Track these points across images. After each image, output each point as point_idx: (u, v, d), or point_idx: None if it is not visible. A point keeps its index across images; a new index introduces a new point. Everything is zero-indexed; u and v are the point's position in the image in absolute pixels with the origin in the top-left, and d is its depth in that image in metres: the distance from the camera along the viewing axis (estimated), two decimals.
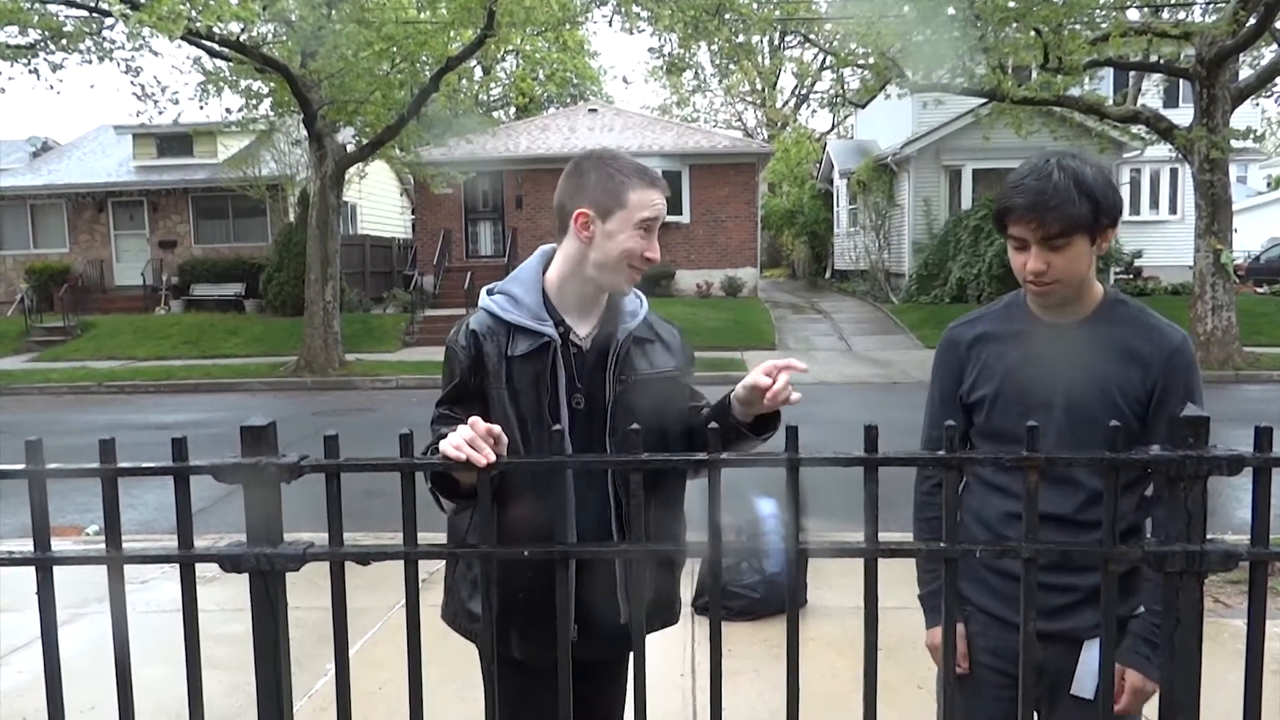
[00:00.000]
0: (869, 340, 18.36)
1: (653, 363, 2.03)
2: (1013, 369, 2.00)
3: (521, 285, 2.01)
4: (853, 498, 1.45)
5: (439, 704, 3.59)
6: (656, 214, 1.97)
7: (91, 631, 4.61)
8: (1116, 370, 1.92)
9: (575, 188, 1.98)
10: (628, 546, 1.52)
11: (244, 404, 13.77)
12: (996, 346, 2.04)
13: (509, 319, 1.95)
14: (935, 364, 2.17)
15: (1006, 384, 2.00)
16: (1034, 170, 1.88)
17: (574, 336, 1.98)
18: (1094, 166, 1.89)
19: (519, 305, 1.97)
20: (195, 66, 15.37)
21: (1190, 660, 1.39)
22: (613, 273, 1.96)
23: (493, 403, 1.92)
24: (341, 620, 1.52)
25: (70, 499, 7.29)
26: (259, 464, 1.46)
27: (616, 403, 1.95)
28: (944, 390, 2.13)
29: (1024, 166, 1.92)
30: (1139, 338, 1.94)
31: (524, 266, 2.06)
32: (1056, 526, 1.90)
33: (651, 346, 2.05)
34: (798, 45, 32.46)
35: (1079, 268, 1.90)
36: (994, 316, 2.10)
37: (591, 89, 37.97)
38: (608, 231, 1.94)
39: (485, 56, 20.57)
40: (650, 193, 1.97)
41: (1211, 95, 12.31)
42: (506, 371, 1.92)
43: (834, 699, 3.67)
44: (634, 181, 1.95)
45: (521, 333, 1.94)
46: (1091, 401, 1.91)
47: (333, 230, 16.40)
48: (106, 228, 24.96)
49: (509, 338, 1.94)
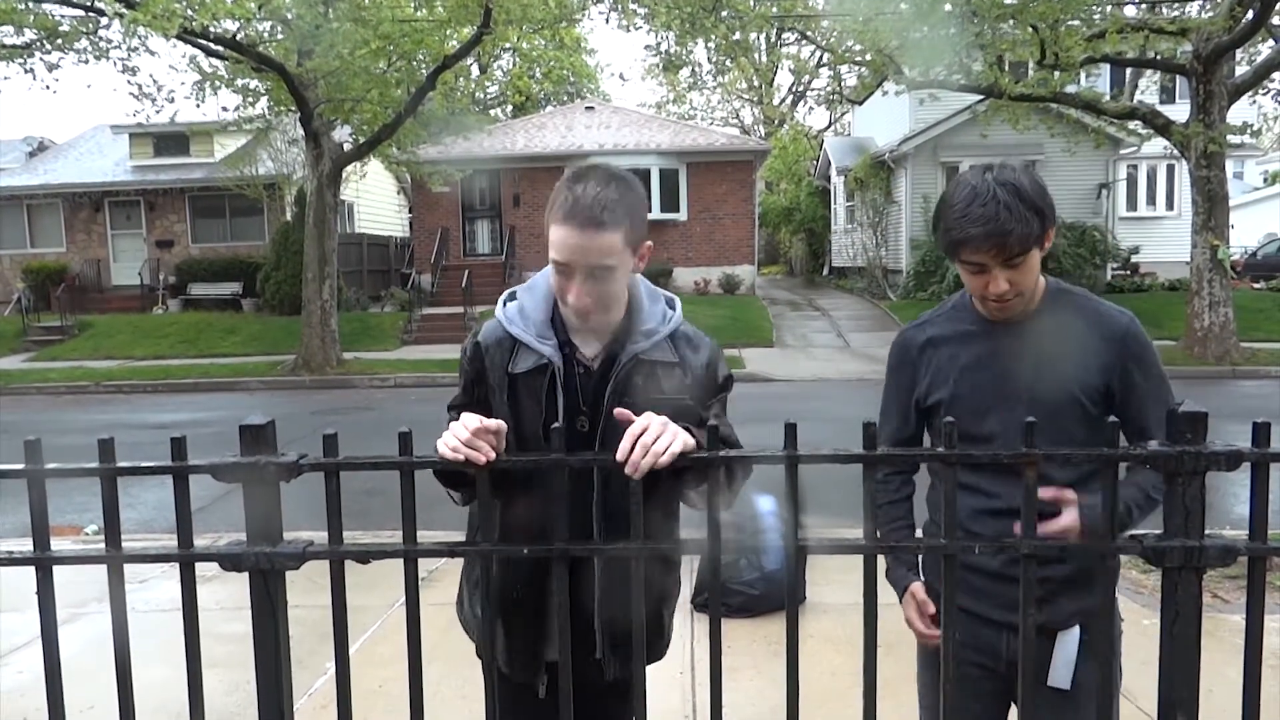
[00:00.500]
0: (867, 337, 18.37)
1: (661, 388, 1.83)
2: (966, 369, 2.00)
3: (532, 297, 1.90)
4: (851, 495, 1.45)
5: (439, 702, 3.60)
6: (563, 258, 1.73)
7: (91, 631, 4.61)
8: (1070, 361, 1.93)
9: (640, 215, 1.83)
10: (626, 545, 1.52)
11: (242, 403, 13.76)
12: (948, 349, 2.04)
13: (514, 333, 1.86)
14: (889, 368, 2.17)
15: (962, 385, 2.00)
16: (975, 195, 1.85)
17: (580, 355, 1.86)
18: (1025, 173, 1.89)
19: (526, 319, 1.87)
20: (191, 65, 15.35)
21: (1189, 655, 1.39)
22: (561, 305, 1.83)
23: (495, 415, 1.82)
24: (341, 618, 1.52)
25: (70, 499, 7.29)
26: (258, 463, 1.46)
27: (606, 429, 1.80)
28: (898, 396, 2.13)
29: (961, 191, 1.88)
30: (1088, 326, 1.95)
31: (540, 275, 1.94)
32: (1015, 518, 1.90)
33: (666, 370, 1.85)
34: (795, 42, 32.46)
35: (1035, 275, 1.93)
36: (942, 319, 2.10)
37: (588, 87, 37.95)
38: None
39: (482, 54, 20.59)
40: (560, 230, 1.73)
41: (1208, 91, 12.32)
42: (510, 386, 1.84)
43: (833, 695, 3.67)
44: (554, 215, 1.75)
45: (525, 349, 1.84)
46: (1049, 395, 1.91)
47: (330, 229, 16.39)
48: (103, 227, 24.94)
49: (514, 352, 1.85)
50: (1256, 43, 13.86)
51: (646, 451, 1.51)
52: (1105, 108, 14.08)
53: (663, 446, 1.52)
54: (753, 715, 3.65)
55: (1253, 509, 1.43)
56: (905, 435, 2.12)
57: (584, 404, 1.83)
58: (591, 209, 1.72)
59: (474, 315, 19.48)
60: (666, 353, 1.86)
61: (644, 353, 1.83)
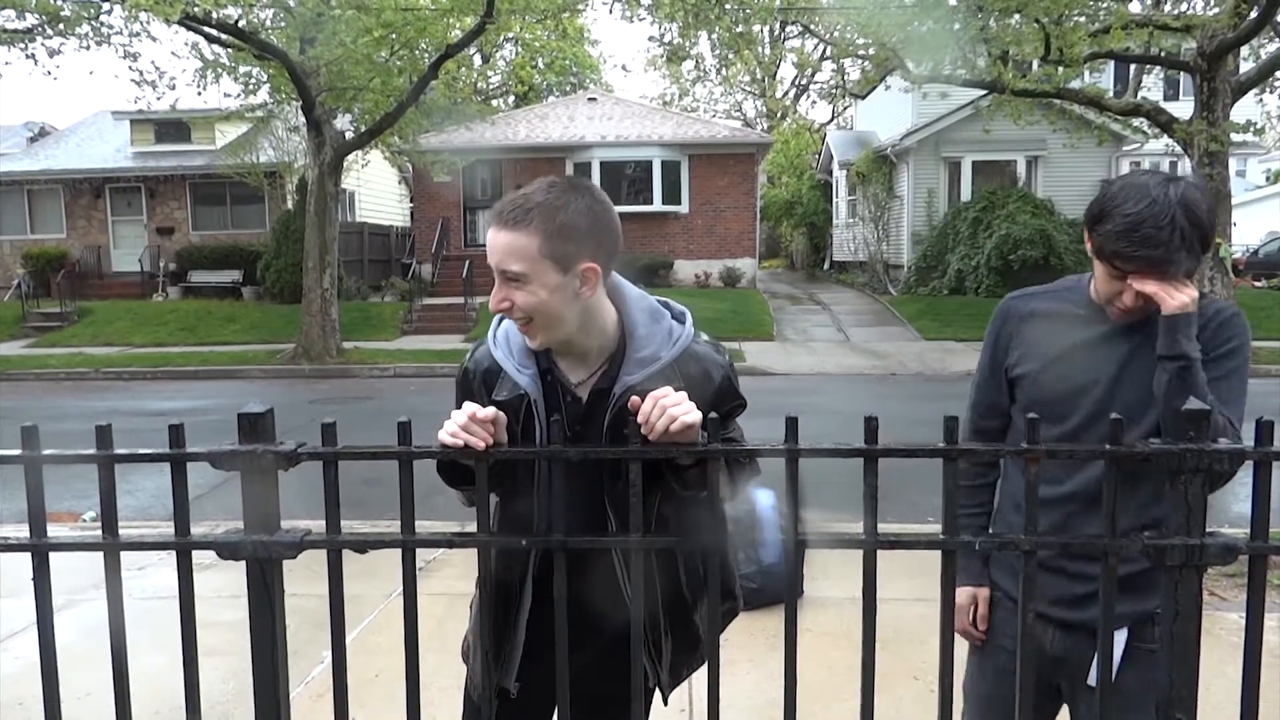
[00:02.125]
0: (867, 331, 18.36)
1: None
2: (1059, 351, 1.97)
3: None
4: (852, 489, 1.44)
5: (436, 692, 3.59)
6: (492, 261, 1.69)
7: (88, 618, 4.61)
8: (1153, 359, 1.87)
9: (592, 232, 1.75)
10: (638, 539, 1.52)
11: (241, 391, 13.76)
12: (1048, 326, 2.01)
13: (497, 358, 1.79)
14: (987, 334, 2.14)
15: (1050, 365, 1.97)
16: (1153, 210, 1.75)
17: (564, 381, 1.79)
18: (1204, 194, 1.82)
19: (510, 344, 1.80)
20: (194, 52, 15.31)
21: (1189, 653, 1.39)
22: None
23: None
24: (339, 608, 1.51)
25: (68, 485, 7.29)
26: (256, 451, 1.45)
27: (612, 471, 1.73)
28: (992, 361, 2.11)
29: (1138, 200, 1.77)
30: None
31: None
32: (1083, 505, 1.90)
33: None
34: (798, 36, 32.40)
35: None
36: (1051, 296, 2.06)
37: (591, 78, 37.88)
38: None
39: (484, 44, 20.51)
40: (490, 232, 1.70)
41: (1212, 89, 12.28)
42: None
43: (830, 689, 3.67)
44: (491, 220, 1.71)
45: (504, 376, 1.78)
46: (1130, 397, 1.87)
47: (331, 218, 16.37)
48: (104, 213, 24.90)
49: (500, 377, 1.79)
50: (1261, 40, 13.83)
51: (664, 412, 1.52)
52: (1109, 104, 14.04)
53: (680, 412, 1.52)
54: (750, 709, 3.65)
55: (1254, 507, 1.43)
56: (992, 401, 2.10)
57: (570, 431, 1.65)
58: (504, 207, 1.68)
59: (474, 306, 19.48)
60: (671, 376, 1.72)
61: (639, 385, 1.69)
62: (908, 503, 6.10)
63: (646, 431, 1.52)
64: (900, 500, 6.16)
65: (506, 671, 1.84)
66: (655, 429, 1.52)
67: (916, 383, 13.67)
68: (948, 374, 14.35)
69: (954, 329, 17.45)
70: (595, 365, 1.78)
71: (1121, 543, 1.42)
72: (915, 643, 4.18)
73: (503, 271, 1.67)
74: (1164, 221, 1.74)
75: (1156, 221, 1.74)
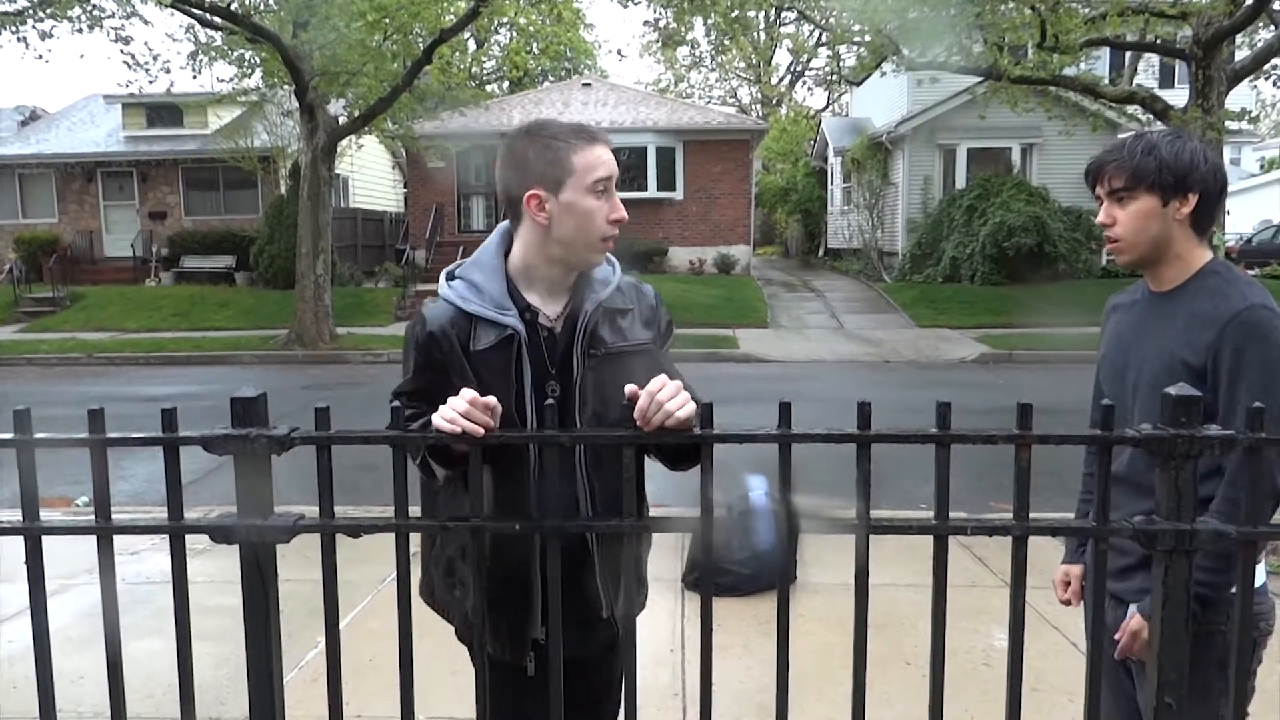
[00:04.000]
0: (861, 319, 18.37)
1: (625, 335, 1.89)
2: (1117, 334, 2.12)
3: (482, 270, 1.87)
4: (846, 476, 1.45)
5: (430, 677, 3.60)
6: (609, 172, 1.82)
7: (82, 602, 4.61)
8: (1183, 340, 1.93)
9: (517, 170, 1.84)
10: (620, 522, 1.52)
11: (235, 376, 13.73)
12: (1118, 314, 2.17)
13: (470, 310, 1.82)
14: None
15: (1109, 348, 2.14)
16: (1142, 139, 1.99)
17: (543, 319, 1.86)
18: (1184, 139, 1.96)
19: (481, 294, 1.84)
20: (188, 35, 15.21)
21: (1178, 637, 1.40)
22: (584, 249, 1.83)
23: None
24: (332, 592, 1.52)
25: (61, 470, 7.26)
26: (249, 436, 1.45)
27: (584, 380, 1.83)
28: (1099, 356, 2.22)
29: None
30: (1210, 305, 1.93)
31: (483, 249, 1.93)
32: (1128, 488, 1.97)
33: (624, 317, 1.90)
34: (794, 21, 32.26)
35: (1143, 227, 1.97)
36: (1133, 288, 2.18)
37: (586, 63, 37.70)
38: (565, 205, 1.80)
39: (479, 29, 20.41)
40: (594, 149, 1.81)
41: (1207, 76, 12.27)
42: (471, 366, 1.79)
43: (823, 674, 3.69)
44: (575, 144, 1.81)
45: (484, 324, 1.81)
46: (1160, 371, 1.93)
47: (324, 203, 16.30)
48: (96, 198, 24.76)
49: (471, 330, 1.81)
50: (1257, 28, 13.81)
51: (660, 407, 1.56)
52: (1104, 91, 14.02)
53: (676, 406, 1.56)
54: (742, 693, 3.67)
55: (1246, 494, 1.44)
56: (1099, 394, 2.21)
57: (552, 367, 1.83)
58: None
59: None
60: (621, 300, 1.91)
61: (606, 300, 1.87)
62: (902, 492, 6.12)
63: (643, 425, 1.55)
64: (895, 489, 6.17)
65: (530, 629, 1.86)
66: (652, 423, 1.56)
67: (910, 370, 13.69)
68: (941, 361, 14.37)
69: (948, 316, 17.47)
70: (565, 296, 1.89)
71: (1111, 528, 1.43)
72: (908, 628, 4.20)
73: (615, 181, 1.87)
74: (1141, 144, 1.97)
75: (1121, 144, 2.01)
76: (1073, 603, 2.30)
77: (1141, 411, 1.94)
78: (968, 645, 4.04)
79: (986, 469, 6.15)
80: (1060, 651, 3.98)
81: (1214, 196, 1.97)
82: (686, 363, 2.05)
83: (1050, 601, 2.53)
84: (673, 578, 4.90)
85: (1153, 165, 1.93)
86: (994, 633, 4.19)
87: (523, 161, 1.83)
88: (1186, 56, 12.53)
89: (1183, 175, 1.93)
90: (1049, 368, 13.37)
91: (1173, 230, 1.97)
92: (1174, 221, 1.96)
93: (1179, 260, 2.00)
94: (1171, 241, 1.98)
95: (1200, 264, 1.99)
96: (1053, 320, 14.82)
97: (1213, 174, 1.95)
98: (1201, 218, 1.97)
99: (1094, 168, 2.04)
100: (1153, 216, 1.96)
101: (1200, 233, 2.00)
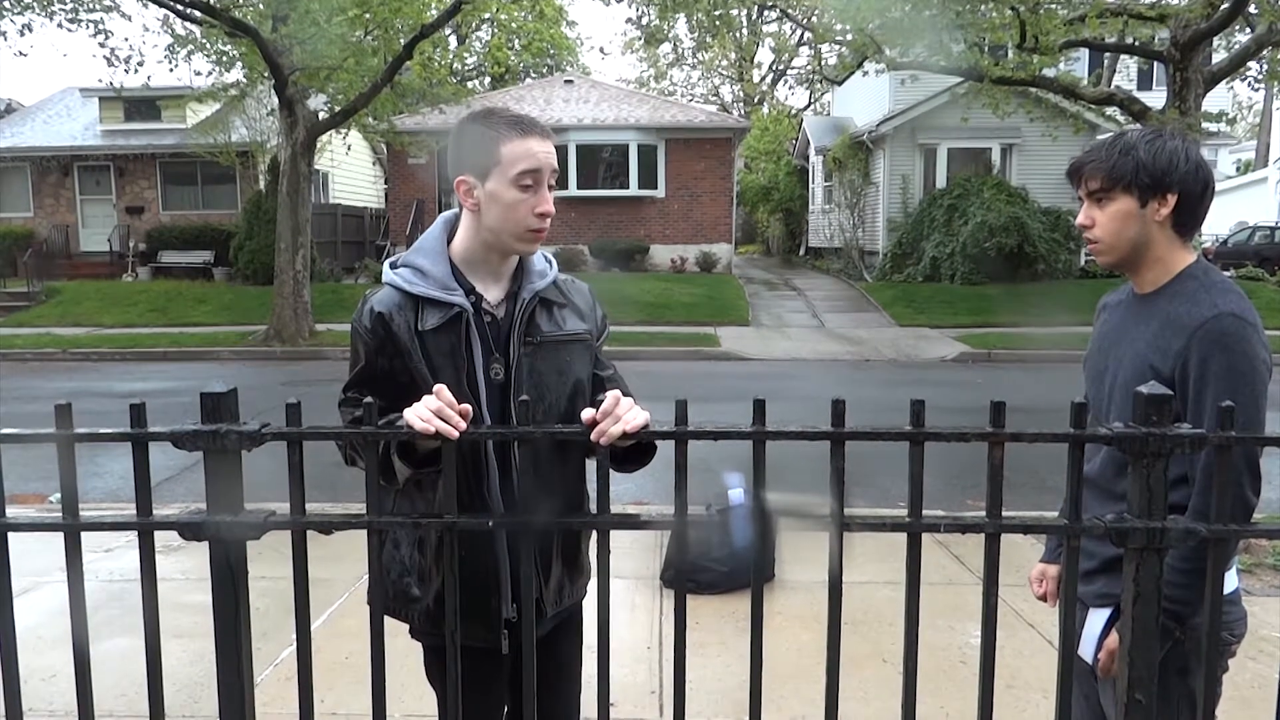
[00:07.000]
0: (842, 317, 18.43)
1: (560, 325, 1.93)
2: (1102, 336, 2.12)
3: (427, 256, 1.91)
4: (823, 474, 1.45)
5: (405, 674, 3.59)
6: (537, 164, 1.82)
7: (54, 600, 4.57)
8: (1155, 345, 1.90)
9: (454, 154, 1.88)
10: (603, 517, 1.52)
11: (212, 373, 13.62)
12: (1107, 314, 2.16)
13: (416, 292, 1.85)
14: None
15: (1093, 349, 2.14)
16: (1120, 138, 1.98)
17: (486, 304, 1.89)
18: (1165, 138, 1.93)
19: (426, 277, 1.87)
20: (165, 27, 15.05)
21: (1149, 635, 1.41)
22: (510, 238, 1.86)
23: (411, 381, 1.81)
24: (303, 589, 1.50)
25: (37, 467, 7.19)
26: (219, 431, 1.44)
27: (519, 366, 1.86)
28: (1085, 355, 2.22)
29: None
30: (1183, 310, 1.89)
31: (426, 235, 1.96)
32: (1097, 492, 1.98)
33: (561, 309, 1.95)
34: (776, 20, 32.34)
35: (1121, 228, 1.95)
36: (1125, 287, 2.16)
37: (568, 60, 37.66)
38: (490, 193, 1.83)
39: (460, 24, 20.32)
40: (525, 142, 1.82)
41: (1185, 78, 12.37)
42: (421, 348, 1.83)
43: (800, 671, 3.70)
44: (507, 135, 1.82)
45: (431, 305, 1.85)
46: (1131, 376, 1.91)
47: (304, 198, 16.19)
48: (72, 192, 24.51)
49: (418, 312, 1.85)
50: (1234, 30, 13.93)
51: (618, 420, 1.57)
52: (1083, 92, 14.11)
53: (631, 419, 1.58)
54: (719, 690, 3.67)
55: (1216, 493, 1.45)
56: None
57: (496, 350, 1.88)
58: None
59: None
60: (557, 294, 1.97)
61: (543, 291, 1.93)
62: (879, 489, 6.15)
63: (597, 438, 1.56)
64: (871, 486, 6.20)
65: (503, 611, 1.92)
66: (609, 435, 1.57)
67: (890, 369, 13.74)
68: (921, 360, 14.44)
69: (928, 315, 17.56)
70: (505, 283, 1.94)
71: (1082, 526, 1.43)
72: (884, 625, 4.21)
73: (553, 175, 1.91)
74: (1120, 144, 1.95)
75: (1116, 141, 1.97)
76: (1049, 600, 2.30)
77: (1117, 414, 1.93)
78: (945, 643, 4.06)
79: (964, 468, 6.19)
80: (1036, 649, 4.00)
81: (1195, 197, 1.92)
82: (667, 360, 2.05)
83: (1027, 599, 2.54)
84: (650, 575, 4.90)
85: (1130, 166, 1.90)
86: (971, 630, 4.21)
87: (459, 147, 1.87)
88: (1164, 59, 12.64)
89: (1160, 176, 1.89)
90: (1028, 367, 13.46)
91: (1152, 232, 1.93)
92: (1153, 223, 1.92)
93: (1159, 263, 1.96)
94: (1151, 243, 1.94)
95: (1180, 267, 1.96)
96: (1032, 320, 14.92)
97: (1193, 173, 1.90)
98: (1184, 219, 1.93)
99: (1074, 168, 2.03)
100: (1131, 218, 1.92)
101: (1183, 234, 1.96)
